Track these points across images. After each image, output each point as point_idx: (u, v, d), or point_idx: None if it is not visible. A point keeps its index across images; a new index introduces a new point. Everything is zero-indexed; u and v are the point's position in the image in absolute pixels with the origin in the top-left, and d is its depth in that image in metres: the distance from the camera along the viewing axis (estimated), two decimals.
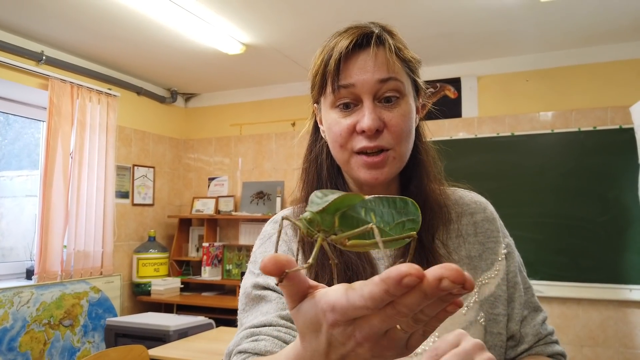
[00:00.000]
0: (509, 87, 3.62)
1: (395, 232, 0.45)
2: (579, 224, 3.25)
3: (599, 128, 3.30)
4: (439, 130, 3.70)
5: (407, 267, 0.30)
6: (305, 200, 0.83)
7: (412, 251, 0.45)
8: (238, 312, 0.81)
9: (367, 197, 0.45)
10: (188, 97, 4.71)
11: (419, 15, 2.87)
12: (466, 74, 3.72)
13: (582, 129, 3.33)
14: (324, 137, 0.82)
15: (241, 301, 0.80)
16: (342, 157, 0.77)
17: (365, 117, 0.72)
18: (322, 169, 0.83)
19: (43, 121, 3.52)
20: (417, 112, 0.81)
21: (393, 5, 2.74)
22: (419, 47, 3.34)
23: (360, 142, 0.73)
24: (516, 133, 3.51)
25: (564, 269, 3.27)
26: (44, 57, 3.26)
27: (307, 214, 0.43)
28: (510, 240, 0.86)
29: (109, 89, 3.73)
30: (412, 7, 2.78)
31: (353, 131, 0.74)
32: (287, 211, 0.88)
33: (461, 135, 3.68)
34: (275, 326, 0.71)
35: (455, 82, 3.74)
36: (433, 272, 0.30)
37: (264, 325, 0.72)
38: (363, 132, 0.72)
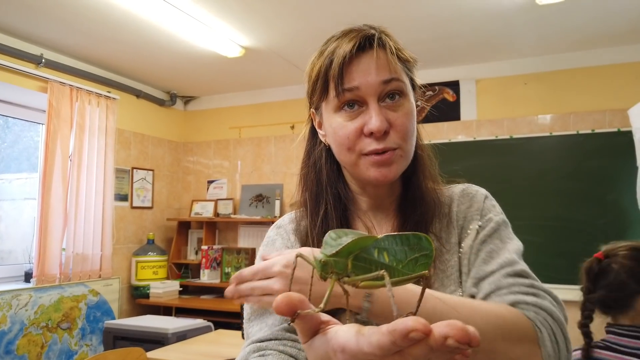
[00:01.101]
0: (508, 90, 3.63)
1: (408, 268, 0.46)
2: (578, 226, 3.26)
3: (597, 131, 3.30)
4: (437, 133, 3.70)
5: (413, 322, 0.30)
6: (304, 204, 0.84)
7: (423, 290, 0.46)
8: (244, 321, 0.82)
9: (379, 236, 0.46)
10: (187, 100, 4.72)
11: (418, 18, 2.88)
12: (465, 77, 3.73)
13: (581, 131, 3.34)
14: (323, 141, 0.82)
15: (246, 311, 0.81)
16: (350, 159, 0.77)
17: (373, 119, 0.72)
18: (321, 173, 0.83)
19: (42, 124, 3.52)
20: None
21: (391, 8, 2.75)
22: (417, 50, 3.35)
23: (369, 145, 0.74)
24: (515, 136, 3.52)
25: (563, 271, 3.26)
26: (43, 60, 3.26)
27: (320, 256, 0.43)
28: (496, 216, 0.80)
29: (108, 92, 3.74)
30: (410, 10, 2.78)
31: (360, 134, 0.74)
32: (288, 216, 0.89)
33: (460, 138, 3.68)
34: (281, 340, 0.71)
35: (454, 85, 3.75)
36: (439, 329, 0.30)
37: (270, 340, 0.72)
38: (371, 134, 0.73)
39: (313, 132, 0.86)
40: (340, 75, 0.74)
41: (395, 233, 0.47)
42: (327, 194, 0.81)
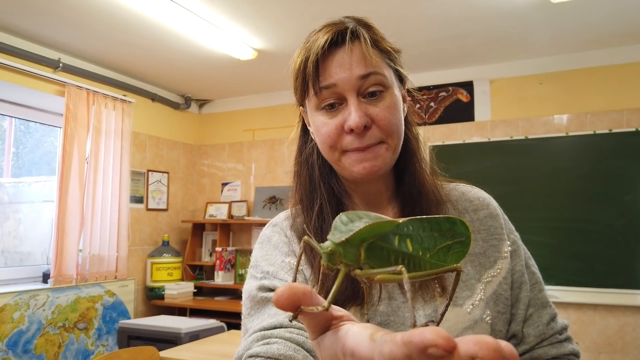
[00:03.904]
0: (522, 90, 3.59)
1: (438, 257, 0.40)
2: (595, 228, 3.20)
3: (614, 131, 3.25)
4: (451, 134, 3.68)
5: (432, 335, 0.25)
6: (299, 201, 0.82)
7: (455, 286, 0.39)
8: (242, 317, 0.78)
9: (402, 220, 0.39)
10: (202, 103, 4.76)
11: (431, 18, 2.87)
12: (479, 78, 3.70)
13: (598, 131, 3.29)
14: (313, 138, 0.81)
15: (245, 306, 0.77)
16: (333, 157, 0.76)
17: (352, 115, 0.71)
18: (313, 170, 0.82)
19: (60, 127, 3.58)
20: (404, 100, 0.80)
21: (404, 7, 2.74)
22: (431, 50, 3.36)
23: (351, 143, 0.73)
24: (530, 136, 3.47)
25: (580, 274, 3.21)
26: (60, 65, 3.33)
27: (327, 245, 0.37)
28: (516, 236, 0.84)
29: (124, 96, 3.79)
30: (422, 10, 2.77)
31: (341, 131, 0.73)
32: (283, 214, 0.87)
33: (474, 139, 3.65)
34: (286, 327, 0.68)
35: (468, 86, 3.73)
36: (466, 347, 0.25)
37: (275, 327, 0.68)
38: (351, 130, 0.71)
39: (304, 130, 0.85)
40: (315, 74, 0.72)
41: (424, 217, 0.41)
42: (321, 189, 0.80)
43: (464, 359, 0.25)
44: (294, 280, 0.41)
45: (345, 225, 0.37)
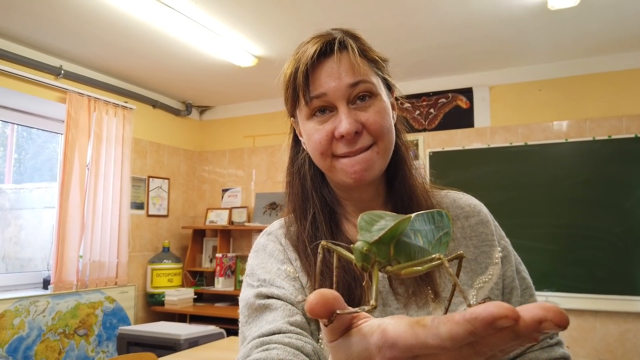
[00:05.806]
0: (522, 96, 3.60)
1: (436, 249, 0.42)
2: (595, 234, 3.20)
3: (613, 137, 3.25)
4: (451, 141, 3.69)
5: (499, 309, 0.26)
6: (292, 211, 0.83)
7: (458, 272, 0.41)
8: (240, 325, 0.78)
9: (413, 216, 0.42)
10: (202, 109, 4.78)
11: (430, 25, 2.89)
12: (478, 84, 3.71)
13: (597, 138, 3.29)
14: (305, 148, 0.83)
15: (243, 314, 0.77)
16: (325, 164, 0.77)
17: (343, 122, 0.72)
18: (305, 180, 0.83)
19: (61, 134, 3.60)
20: (393, 108, 0.82)
21: (403, 16, 2.76)
22: (431, 57, 3.37)
23: (342, 149, 0.74)
24: (529, 143, 3.48)
25: (580, 280, 3.21)
26: (62, 72, 3.35)
27: (361, 245, 0.38)
28: (506, 242, 0.84)
29: (125, 102, 3.81)
30: (422, 18, 2.79)
31: (332, 138, 0.74)
32: (277, 222, 0.88)
33: (474, 145, 3.66)
34: (285, 333, 0.68)
35: (467, 92, 3.74)
36: (531, 313, 0.27)
37: (274, 333, 0.68)
38: (342, 137, 0.73)
39: (296, 141, 0.87)
40: (306, 83, 0.74)
41: (423, 211, 0.43)
42: (314, 198, 0.81)
43: (531, 324, 0.26)
44: (314, 287, 0.41)
45: (371, 225, 0.39)
